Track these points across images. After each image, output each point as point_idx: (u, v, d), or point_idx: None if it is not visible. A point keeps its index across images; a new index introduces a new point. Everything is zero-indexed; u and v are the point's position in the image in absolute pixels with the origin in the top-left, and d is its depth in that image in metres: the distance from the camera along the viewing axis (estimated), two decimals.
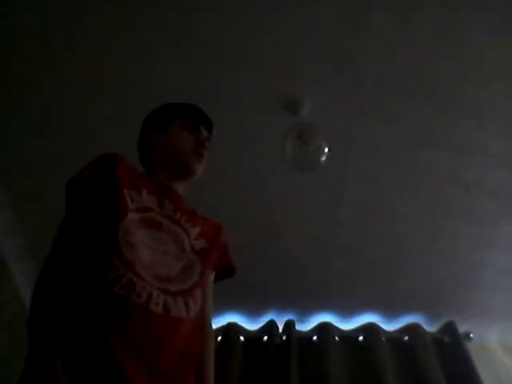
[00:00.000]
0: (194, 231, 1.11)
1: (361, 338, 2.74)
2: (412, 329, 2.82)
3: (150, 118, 1.27)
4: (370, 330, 2.77)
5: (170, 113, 1.24)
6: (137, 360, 0.80)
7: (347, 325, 2.90)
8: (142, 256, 0.93)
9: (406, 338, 2.77)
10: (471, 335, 2.89)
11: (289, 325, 2.73)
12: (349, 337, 2.78)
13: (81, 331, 0.82)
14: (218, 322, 2.74)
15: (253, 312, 2.91)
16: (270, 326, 2.72)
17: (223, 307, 2.78)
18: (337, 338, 2.73)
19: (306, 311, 2.93)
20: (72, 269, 0.91)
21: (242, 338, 2.69)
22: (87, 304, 0.85)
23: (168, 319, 0.88)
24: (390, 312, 2.94)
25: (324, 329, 2.76)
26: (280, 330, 2.73)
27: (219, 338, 2.63)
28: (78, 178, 1.02)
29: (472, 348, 2.73)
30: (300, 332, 2.77)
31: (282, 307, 2.89)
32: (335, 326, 2.83)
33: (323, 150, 2.03)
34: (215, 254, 1.15)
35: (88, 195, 1.01)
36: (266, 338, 2.66)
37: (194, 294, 0.98)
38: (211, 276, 1.16)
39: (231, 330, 2.71)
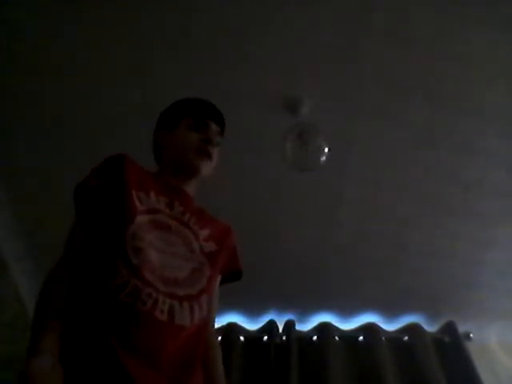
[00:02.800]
0: (203, 233, 1.10)
1: (361, 337, 2.74)
2: (412, 329, 2.82)
3: (160, 117, 1.27)
4: (370, 330, 2.77)
5: (178, 111, 1.23)
6: (140, 360, 0.81)
7: (347, 325, 2.90)
8: (150, 259, 0.92)
9: (406, 338, 2.77)
10: (471, 335, 2.89)
11: (289, 325, 2.73)
12: (349, 337, 2.78)
13: (86, 337, 0.82)
14: (218, 322, 2.74)
15: (253, 312, 2.91)
16: (270, 326, 2.72)
17: (223, 307, 2.78)
18: (337, 338, 2.73)
19: (306, 311, 2.93)
20: (79, 275, 0.91)
21: (242, 338, 2.69)
22: (93, 311, 0.85)
23: (171, 326, 0.88)
24: (390, 312, 2.94)
25: (324, 329, 2.76)
26: (280, 330, 2.73)
27: (219, 338, 2.63)
28: (87, 182, 1.02)
29: (472, 348, 2.73)
30: (300, 332, 2.77)
31: (282, 307, 2.89)
32: (335, 326, 2.83)
33: (323, 150, 2.03)
34: (224, 256, 1.14)
35: (97, 199, 1.01)
36: (266, 337, 2.66)
37: (200, 300, 0.97)
38: (218, 280, 1.16)
39: (231, 329, 2.71)
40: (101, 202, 1.00)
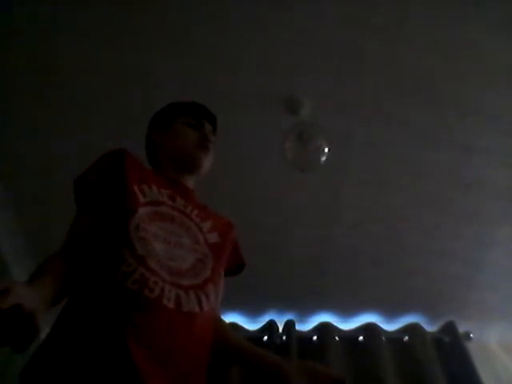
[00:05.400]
0: (206, 225, 1.11)
1: (361, 338, 2.74)
2: (412, 329, 2.82)
3: (155, 117, 1.31)
4: (370, 330, 2.77)
5: (173, 111, 1.28)
6: (150, 354, 0.79)
7: (347, 325, 2.90)
8: (154, 250, 0.92)
9: (406, 338, 2.77)
10: (471, 335, 2.88)
11: (289, 325, 2.73)
12: (349, 337, 2.77)
13: (93, 325, 0.81)
14: None
15: (253, 312, 2.91)
16: (270, 326, 2.72)
17: (223, 307, 2.77)
18: (337, 338, 2.73)
19: (306, 311, 2.93)
20: (83, 263, 0.90)
21: None
22: (101, 298, 0.84)
23: (180, 315, 0.87)
24: (390, 312, 2.94)
25: (324, 329, 2.76)
26: (280, 330, 2.73)
27: None
28: (86, 177, 1.03)
29: (472, 348, 2.73)
30: (300, 332, 2.77)
31: (281, 307, 2.89)
32: (335, 326, 2.82)
33: (323, 150, 2.03)
34: (227, 251, 1.15)
35: (97, 193, 1.02)
36: (266, 337, 2.66)
37: (206, 289, 0.97)
38: (222, 273, 1.15)
39: (232, 330, 2.71)
40: (101, 195, 1.01)
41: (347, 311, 2.95)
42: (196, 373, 0.89)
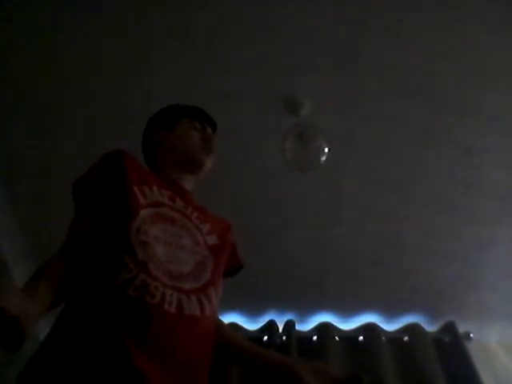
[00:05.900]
0: (205, 227, 1.11)
1: (361, 338, 2.74)
2: (412, 329, 2.82)
3: (156, 117, 1.31)
4: (370, 330, 2.77)
5: (176, 112, 1.29)
6: (152, 359, 0.79)
7: (347, 325, 2.90)
8: (155, 253, 0.92)
9: (406, 338, 2.77)
10: (471, 335, 2.88)
11: (289, 325, 2.73)
12: (349, 337, 2.77)
13: (93, 331, 0.80)
14: None
15: (253, 312, 2.91)
16: (270, 326, 2.72)
17: (223, 307, 2.78)
18: (337, 338, 2.73)
19: (306, 311, 2.93)
20: (83, 268, 0.90)
21: None
22: (102, 306, 0.83)
23: (182, 319, 0.87)
24: (390, 312, 2.94)
25: (324, 329, 2.76)
26: (280, 330, 2.73)
27: None
28: (86, 178, 1.03)
29: (472, 348, 2.73)
30: (300, 332, 2.77)
31: (281, 307, 2.89)
32: (335, 326, 2.82)
33: (323, 149, 2.03)
34: (226, 252, 1.15)
35: (96, 194, 1.01)
36: (266, 337, 2.66)
37: (207, 292, 0.96)
38: (221, 275, 1.15)
39: (231, 330, 2.71)
40: (101, 197, 1.01)
41: (347, 311, 2.95)
42: (198, 376, 0.88)
